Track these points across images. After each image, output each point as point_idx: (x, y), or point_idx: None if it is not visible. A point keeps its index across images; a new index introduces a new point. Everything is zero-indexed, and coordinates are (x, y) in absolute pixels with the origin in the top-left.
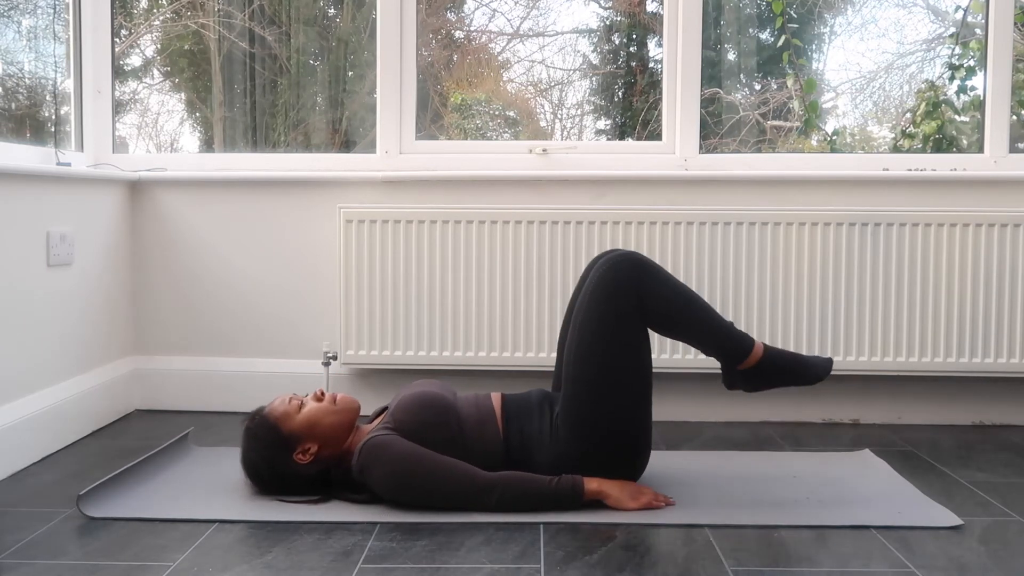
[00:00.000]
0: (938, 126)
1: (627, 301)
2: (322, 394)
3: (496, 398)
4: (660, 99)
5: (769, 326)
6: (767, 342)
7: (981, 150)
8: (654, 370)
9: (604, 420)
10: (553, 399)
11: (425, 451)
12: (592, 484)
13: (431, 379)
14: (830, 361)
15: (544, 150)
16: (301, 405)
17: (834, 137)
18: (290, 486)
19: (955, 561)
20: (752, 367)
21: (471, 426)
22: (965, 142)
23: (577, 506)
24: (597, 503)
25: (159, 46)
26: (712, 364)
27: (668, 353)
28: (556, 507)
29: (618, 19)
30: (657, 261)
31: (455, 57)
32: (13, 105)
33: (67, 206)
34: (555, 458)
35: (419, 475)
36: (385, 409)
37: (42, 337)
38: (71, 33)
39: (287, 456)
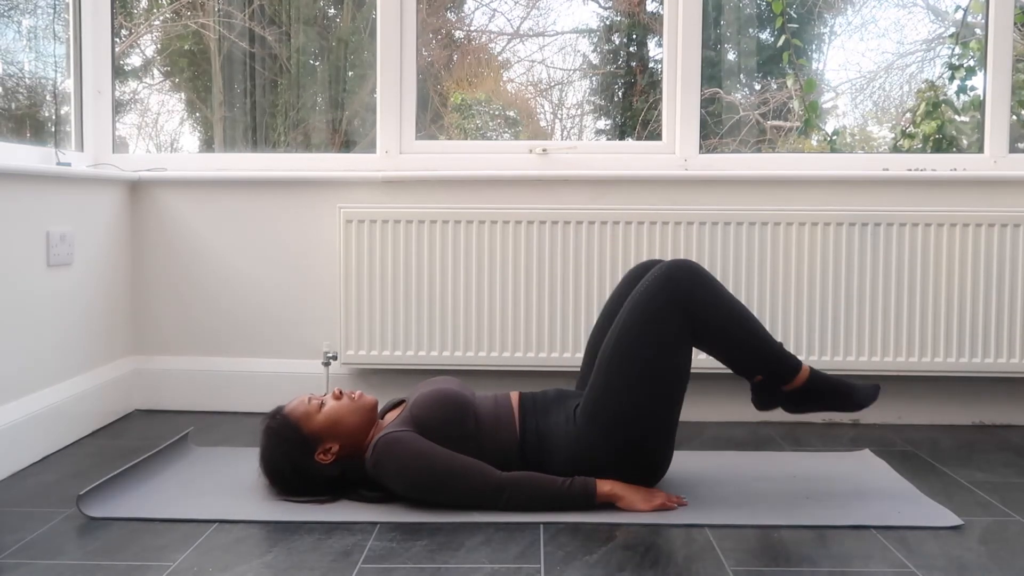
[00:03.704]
0: (938, 126)
1: (677, 308)
2: (340, 393)
3: (514, 396)
4: (660, 99)
5: (769, 326)
6: None
7: (981, 150)
8: None
9: (635, 422)
10: (571, 396)
11: (440, 449)
12: (605, 486)
13: (448, 376)
14: (877, 388)
15: (544, 150)
16: (322, 404)
17: (834, 137)
18: (310, 486)
19: (955, 561)
20: (797, 388)
21: (488, 425)
22: (965, 142)
23: (589, 508)
24: (607, 504)
25: (159, 46)
26: (712, 364)
27: None
28: (568, 508)
29: (618, 19)
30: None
31: (455, 57)
32: (13, 105)
33: (67, 206)
34: (572, 456)
35: (432, 473)
36: (399, 403)
37: (42, 337)
38: (71, 33)
39: (309, 456)
